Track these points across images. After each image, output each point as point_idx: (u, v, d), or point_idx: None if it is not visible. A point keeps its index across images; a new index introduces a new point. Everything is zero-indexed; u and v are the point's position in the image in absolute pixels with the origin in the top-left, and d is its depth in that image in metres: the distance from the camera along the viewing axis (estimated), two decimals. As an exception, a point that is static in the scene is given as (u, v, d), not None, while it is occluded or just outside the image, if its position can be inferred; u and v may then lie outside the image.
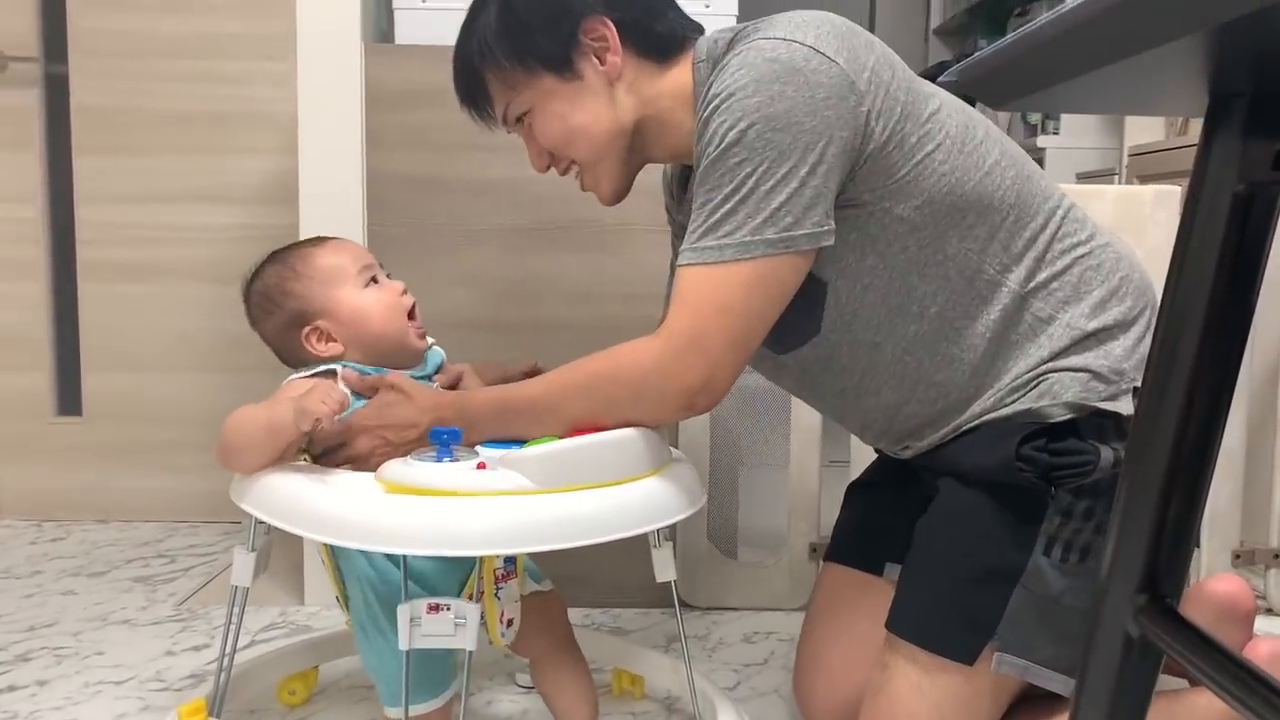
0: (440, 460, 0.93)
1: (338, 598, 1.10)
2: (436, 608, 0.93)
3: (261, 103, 2.16)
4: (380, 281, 1.14)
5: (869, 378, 1.06)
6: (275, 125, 2.16)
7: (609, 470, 0.96)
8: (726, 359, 0.97)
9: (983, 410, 1.03)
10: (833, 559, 1.27)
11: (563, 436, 0.98)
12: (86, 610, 1.68)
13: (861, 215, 1.00)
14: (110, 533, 2.15)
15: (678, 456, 1.09)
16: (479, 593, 1.05)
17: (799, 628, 1.28)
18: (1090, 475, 0.97)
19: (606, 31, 1.06)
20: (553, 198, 1.63)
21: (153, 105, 2.17)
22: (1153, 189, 1.60)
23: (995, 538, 1.00)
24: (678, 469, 1.04)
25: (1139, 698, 0.59)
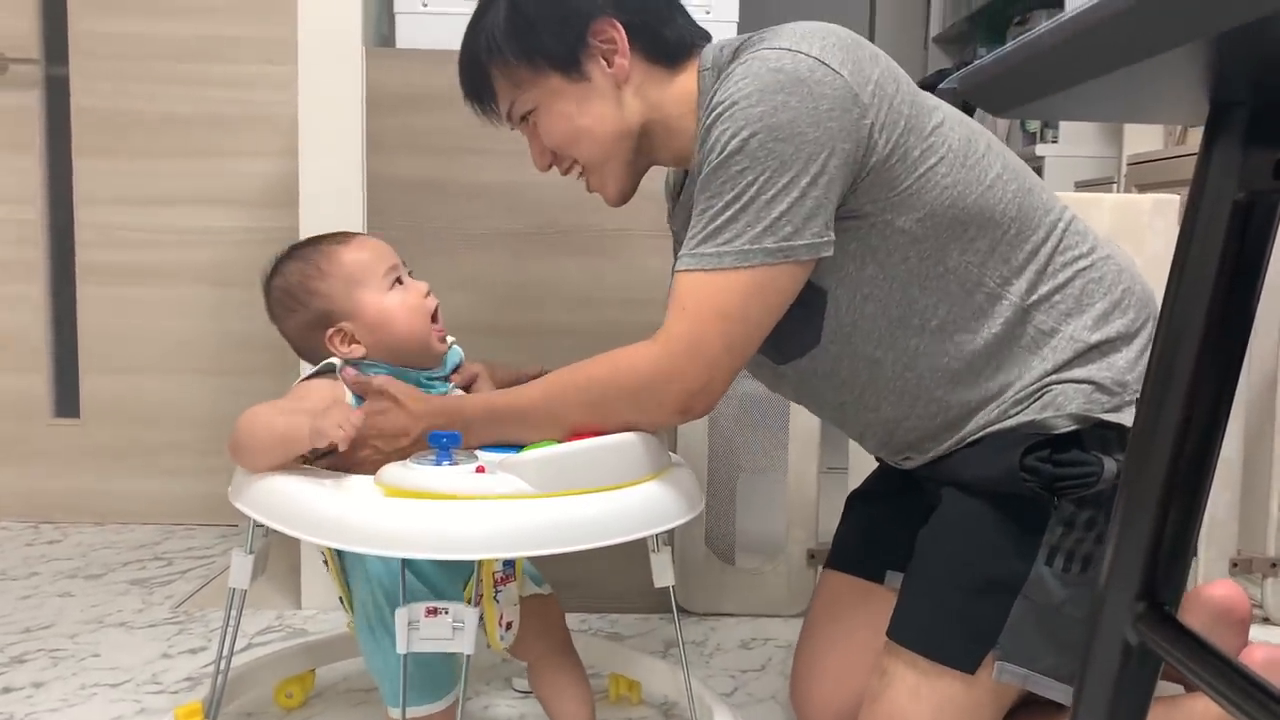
0: (439, 464, 0.93)
1: (340, 599, 1.09)
2: (435, 611, 0.93)
3: (262, 106, 2.16)
4: (405, 282, 1.12)
5: (869, 393, 1.06)
6: (276, 128, 2.17)
7: (608, 475, 0.96)
8: (723, 364, 0.97)
9: (986, 422, 1.03)
10: (833, 566, 1.27)
11: (561, 441, 0.98)
12: (83, 612, 1.68)
13: (863, 226, 1.00)
14: (107, 535, 2.15)
15: (677, 461, 1.09)
16: (478, 596, 1.05)
17: (796, 634, 1.28)
18: (1094, 486, 0.97)
19: (615, 34, 1.05)
20: (553, 202, 1.63)
21: (153, 108, 2.17)
22: (1151, 198, 1.61)
23: (998, 547, 1.00)
24: (677, 474, 1.04)
25: (1138, 704, 0.59)
